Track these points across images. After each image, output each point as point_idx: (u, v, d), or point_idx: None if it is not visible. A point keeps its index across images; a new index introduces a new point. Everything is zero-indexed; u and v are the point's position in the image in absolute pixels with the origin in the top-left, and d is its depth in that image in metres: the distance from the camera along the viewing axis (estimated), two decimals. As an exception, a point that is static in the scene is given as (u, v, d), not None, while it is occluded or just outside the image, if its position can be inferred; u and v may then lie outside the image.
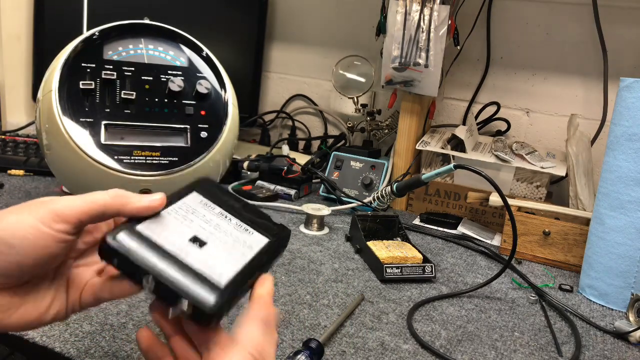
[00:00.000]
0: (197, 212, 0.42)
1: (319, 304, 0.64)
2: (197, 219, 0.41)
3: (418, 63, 0.99)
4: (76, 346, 0.50)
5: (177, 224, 0.39)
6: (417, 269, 0.73)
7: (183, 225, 0.40)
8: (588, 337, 0.64)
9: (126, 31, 0.79)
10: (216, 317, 0.35)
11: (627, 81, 0.70)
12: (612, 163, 0.72)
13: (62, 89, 0.72)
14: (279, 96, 1.48)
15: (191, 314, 0.35)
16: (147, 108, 0.76)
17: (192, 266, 0.36)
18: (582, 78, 1.11)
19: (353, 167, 1.08)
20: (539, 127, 1.16)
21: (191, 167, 0.75)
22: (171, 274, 0.35)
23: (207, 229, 0.40)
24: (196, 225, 0.40)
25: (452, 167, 0.78)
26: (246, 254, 0.40)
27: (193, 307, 0.34)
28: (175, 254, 0.37)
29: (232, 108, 0.81)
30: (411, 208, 1.09)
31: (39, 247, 0.35)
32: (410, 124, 1.07)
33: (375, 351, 0.55)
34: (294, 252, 0.79)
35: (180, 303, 0.35)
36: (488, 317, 0.66)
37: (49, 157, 0.75)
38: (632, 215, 0.70)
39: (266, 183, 1.07)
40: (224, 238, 0.40)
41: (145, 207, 0.39)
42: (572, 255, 0.84)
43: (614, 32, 1.06)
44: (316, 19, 1.40)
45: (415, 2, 0.99)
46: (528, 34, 1.15)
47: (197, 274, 0.36)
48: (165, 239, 0.38)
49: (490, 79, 1.20)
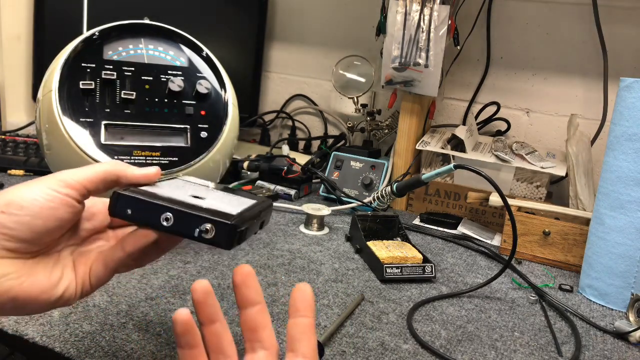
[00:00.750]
0: (188, 185, 0.46)
1: (319, 304, 0.64)
2: (189, 188, 0.45)
3: (418, 63, 0.99)
4: (76, 346, 0.50)
5: (173, 188, 0.44)
6: (417, 269, 0.73)
7: (179, 190, 0.44)
8: (588, 337, 0.64)
9: (126, 31, 0.79)
10: (237, 235, 0.39)
11: (627, 81, 0.70)
12: (612, 163, 0.72)
13: (62, 89, 0.72)
14: (279, 96, 1.48)
15: (213, 236, 0.38)
16: (147, 108, 0.76)
17: (202, 206, 0.40)
18: (582, 78, 1.11)
19: (353, 167, 1.08)
20: (539, 127, 1.16)
21: (191, 167, 0.75)
22: (188, 206, 0.39)
23: (201, 193, 0.44)
24: (191, 190, 0.44)
25: (452, 167, 0.78)
26: (242, 203, 0.44)
27: (215, 227, 0.38)
28: (183, 200, 0.41)
29: (232, 108, 0.82)
30: (411, 208, 1.09)
31: (47, 209, 0.38)
32: (410, 124, 1.07)
33: (375, 351, 0.55)
34: (294, 252, 0.79)
35: (202, 227, 0.38)
36: (488, 317, 0.66)
37: (49, 157, 0.75)
38: (632, 215, 0.70)
39: (266, 183, 1.07)
40: (218, 197, 0.44)
41: (144, 175, 0.43)
42: (572, 255, 0.84)
43: (614, 32, 1.06)
44: (316, 19, 1.40)
45: (415, 2, 0.99)
46: (528, 34, 1.15)
47: (210, 209, 0.40)
48: (169, 193, 0.42)
49: (490, 79, 1.20)
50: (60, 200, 0.39)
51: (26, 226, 0.37)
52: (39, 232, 0.38)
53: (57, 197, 0.38)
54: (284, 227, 0.90)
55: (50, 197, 0.38)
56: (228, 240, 0.39)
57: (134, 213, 0.40)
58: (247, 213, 0.42)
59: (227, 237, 0.39)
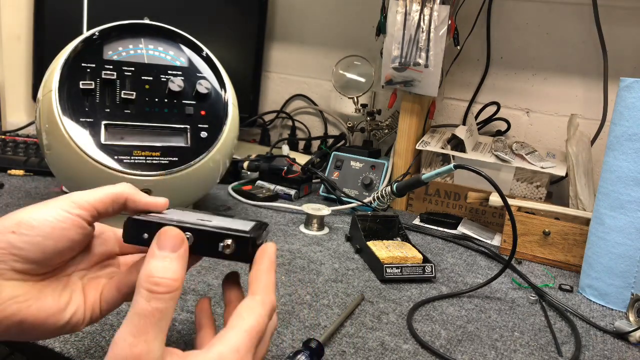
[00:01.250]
0: (189, 212, 0.46)
1: (319, 304, 0.64)
2: (193, 214, 0.45)
3: (418, 63, 0.99)
4: (76, 346, 0.50)
5: (179, 215, 0.44)
6: (417, 269, 0.73)
7: (185, 215, 0.44)
8: (588, 337, 0.64)
9: (126, 31, 0.79)
10: (256, 248, 0.41)
11: (627, 81, 0.70)
12: (612, 163, 0.72)
13: (62, 89, 0.72)
14: (279, 96, 1.48)
15: (233, 250, 0.40)
16: (147, 108, 0.76)
17: (217, 224, 0.42)
18: (582, 78, 1.11)
19: (353, 167, 1.08)
20: (539, 127, 1.16)
21: (191, 167, 0.75)
22: (205, 226, 0.41)
23: (205, 217, 0.45)
24: (195, 215, 0.45)
25: (452, 167, 0.78)
26: (247, 224, 0.44)
27: (235, 242, 0.40)
28: (195, 221, 0.42)
29: (232, 108, 0.82)
30: (411, 208, 1.09)
31: (58, 229, 0.38)
32: (410, 124, 1.07)
33: (375, 351, 0.55)
34: (294, 252, 0.79)
35: (222, 243, 0.40)
36: (488, 317, 0.66)
37: (49, 157, 0.75)
38: (632, 215, 0.70)
39: (266, 183, 1.07)
40: (222, 220, 0.45)
41: (153, 203, 0.43)
42: (572, 255, 0.85)
43: (614, 32, 1.06)
44: (316, 19, 1.40)
45: (415, 2, 0.99)
46: (528, 34, 1.15)
47: (225, 227, 0.41)
48: (178, 217, 0.42)
49: (490, 79, 1.20)
50: (71, 221, 0.38)
51: (37, 247, 0.37)
52: (49, 253, 0.38)
53: (68, 217, 0.38)
54: (284, 227, 0.90)
55: (62, 217, 0.38)
56: (248, 253, 0.41)
57: (150, 237, 0.40)
58: (256, 230, 0.43)
59: (247, 250, 0.41)
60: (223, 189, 1.06)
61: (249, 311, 0.37)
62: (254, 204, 0.99)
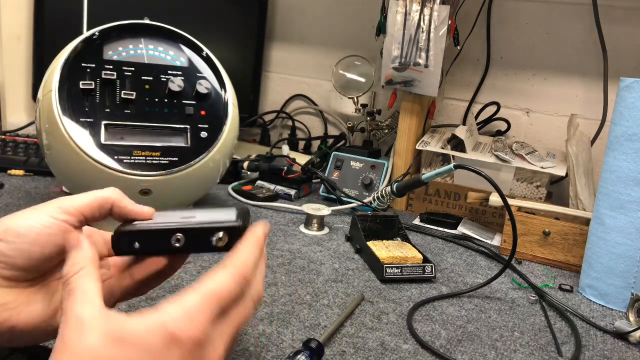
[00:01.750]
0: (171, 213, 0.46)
1: (319, 304, 0.64)
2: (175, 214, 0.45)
3: (418, 63, 0.99)
4: (76, 346, 0.50)
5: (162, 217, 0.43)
6: (417, 269, 0.73)
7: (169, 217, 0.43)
8: (588, 337, 0.64)
9: (126, 31, 0.79)
10: None
11: (627, 81, 0.70)
12: (612, 163, 0.72)
13: (62, 89, 0.72)
14: (279, 96, 1.48)
15: (226, 242, 0.40)
16: (147, 108, 0.76)
17: (203, 220, 0.41)
18: (582, 78, 1.11)
19: (353, 167, 1.08)
20: (539, 127, 1.16)
21: (191, 167, 0.75)
22: (192, 223, 0.40)
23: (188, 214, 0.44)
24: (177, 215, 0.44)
25: (452, 167, 0.78)
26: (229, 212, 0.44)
27: (227, 233, 0.40)
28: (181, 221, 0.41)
29: (232, 108, 0.82)
30: (411, 208, 1.09)
31: (45, 235, 0.37)
32: (410, 124, 1.07)
33: (375, 351, 0.55)
34: (294, 252, 0.79)
35: (215, 237, 0.40)
36: (488, 317, 0.66)
37: (49, 157, 0.75)
38: (632, 215, 0.70)
39: (266, 183, 1.07)
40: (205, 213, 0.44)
41: (140, 211, 0.42)
42: (572, 255, 0.85)
43: (614, 32, 1.06)
44: (316, 19, 1.40)
45: (415, 2, 0.99)
46: (528, 34, 1.15)
47: (211, 221, 0.41)
48: (164, 219, 0.42)
49: (490, 79, 1.20)
50: (58, 226, 0.38)
51: (24, 253, 0.37)
52: (37, 259, 0.38)
53: (54, 223, 0.38)
54: (284, 227, 0.90)
55: (48, 223, 0.38)
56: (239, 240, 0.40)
57: (142, 245, 0.40)
58: (241, 217, 0.42)
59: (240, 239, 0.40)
60: (223, 189, 1.06)
61: (211, 277, 0.35)
62: (254, 204, 0.99)
